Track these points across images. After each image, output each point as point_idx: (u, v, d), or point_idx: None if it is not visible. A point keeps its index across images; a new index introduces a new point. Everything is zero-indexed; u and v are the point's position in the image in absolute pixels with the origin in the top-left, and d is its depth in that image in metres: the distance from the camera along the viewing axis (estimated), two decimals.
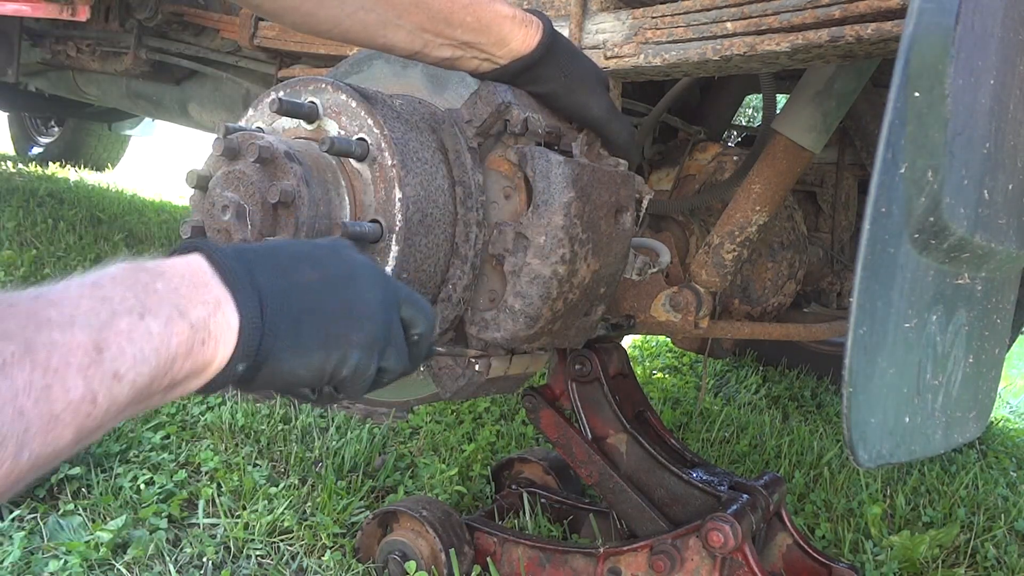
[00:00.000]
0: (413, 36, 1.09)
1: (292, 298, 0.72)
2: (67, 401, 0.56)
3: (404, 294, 0.85)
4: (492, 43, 1.12)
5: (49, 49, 3.22)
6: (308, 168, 1.06)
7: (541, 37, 1.14)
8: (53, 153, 6.07)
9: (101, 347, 0.58)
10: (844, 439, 0.87)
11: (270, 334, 0.69)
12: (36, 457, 0.54)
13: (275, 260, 0.74)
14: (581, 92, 1.19)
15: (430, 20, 1.08)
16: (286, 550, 1.59)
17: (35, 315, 0.57)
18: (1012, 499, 2.37)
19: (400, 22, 1.07)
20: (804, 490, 2.23)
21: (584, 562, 1.49)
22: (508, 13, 1.12)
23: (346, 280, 0.78)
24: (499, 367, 1.24)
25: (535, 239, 1.11)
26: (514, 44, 1.14)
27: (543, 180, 1.11)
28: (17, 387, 0.53)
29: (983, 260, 1.01)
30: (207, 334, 0.65)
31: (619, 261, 1.25)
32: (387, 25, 1.07)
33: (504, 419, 2.45)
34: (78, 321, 0.58)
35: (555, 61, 1.16)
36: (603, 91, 1.22)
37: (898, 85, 0.80)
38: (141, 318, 0.61)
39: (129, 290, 0.62)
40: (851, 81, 1.52)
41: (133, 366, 0.60)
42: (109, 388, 0.58)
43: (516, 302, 1.13)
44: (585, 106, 1.20)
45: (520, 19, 1.13)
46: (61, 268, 3.07)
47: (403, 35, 1.09)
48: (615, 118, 1.23)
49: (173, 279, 0.65)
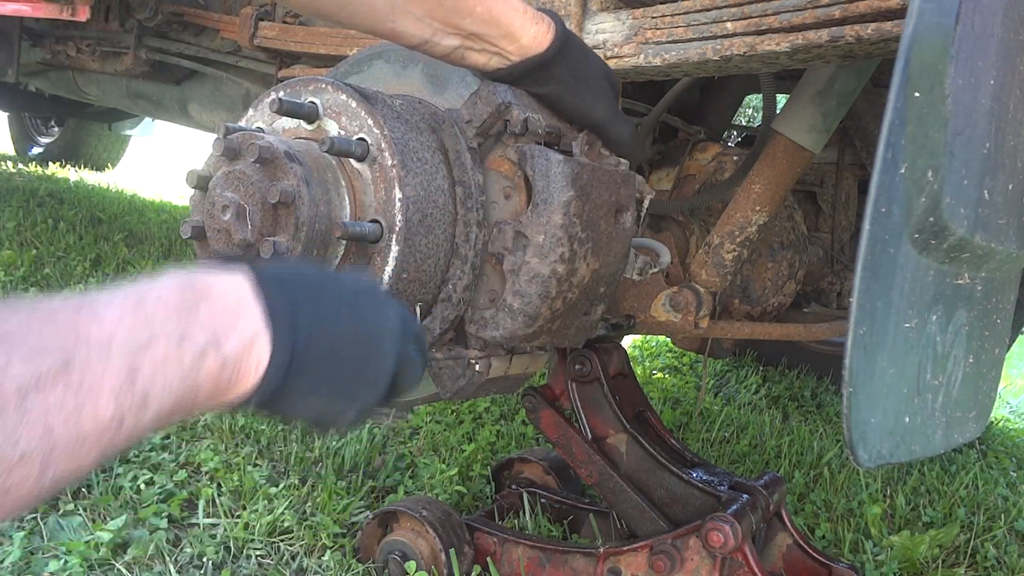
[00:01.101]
0: (422, 23, 1.08)
1: (321, 351, 0.72)
2: (95, 423, 0.55)
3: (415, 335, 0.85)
4: (502, 36, 1.11)
5: (49, 49, 3.21)
6: (308, 168, 1.06)
7: (553, 37, 1.13)
8: (53, 153, 6.07)
9: (135, 371, 0.58)
10: (844, 439, 0.87)
11: (290, 381, 0.70)
12: (58, 477, 0.54)
13: (319, 303, 0.74)
14: (587, 95, 1.18)
15: (440, 7, 1.06)
16: (286, 550, 1.59)
17: (76, 329, 0.56)
18: (1012, 499, 2.37)
19: (409, 8, 1.06)
20: (804, 490, 2.23)
21: (584, 562, 1.49)
22: (520, 7, 1.11)
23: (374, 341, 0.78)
24: (499, 367, 1.24)
25: (534, 238, 1.11)
26: (525, 40, 1.12)
27: (543, 179, 1.11)
28: (49, 404, 0.53)
29: (983, 260, 1.01)
30: (235, 371, 0.65)
31: (619, 261, 1.25)
32: (395, 10, 1.06)
33: (504, 419, 2.45)
34: (117, 341, 0.58)
35: (565, 63, 1.15)
36: (610, 94, 1.20)
37: (898, 85, 0.80)
38: (179, 345, 0.61)
39: (172, 312, 0.62)
40: (851, 81, 1.52)
41: (161, 392, 0.60)
42: (136, 412, 0.58)
43: (515, 301, 1.13)
44: (590, 109, 1.19)
45: (532, 16, 1.12)
46: (61, 268, 3.07)
47: (411, 22, 1.07)
48: (618, 120, 1.22)
49: (217, 303, 0.65)
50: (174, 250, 3.72)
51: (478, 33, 1.10)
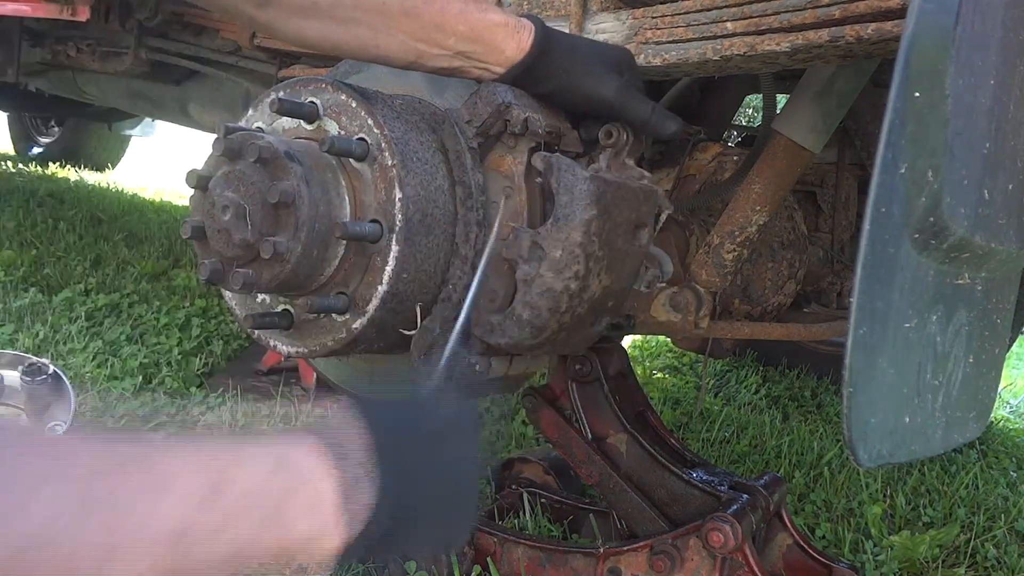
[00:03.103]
0: (406, 46, 1.09)
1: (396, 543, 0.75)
2: None
3: None
4: (487, 52, 1.12)
5: (49, 49, 3.21)
6: (308, 168, 1.06)
7: (533, 40, 1.13)
8: (53, 153, 6.07)
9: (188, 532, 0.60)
10: (844, 439, 0.87)
11: None
12: None
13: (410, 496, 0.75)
14: (587, 83, 1.16)
15: (422, 28, 1.07)
16: None
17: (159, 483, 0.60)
18: (1012, 499, 2.37)
19: (392, 32, 1.07)
20: (804, 490, 2.23)
21: (584, 562, 1.49)
22: (500, 21, 1.11)
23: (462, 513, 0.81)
24: (499, 368, 1.24)
25: (551, 252, 1.09)
26: (509, 52, 1.13)
27: (567, 194, 1.09)
28: None
29: (983, 260, 1.01)
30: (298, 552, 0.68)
31: (631, 276, 1.24)
32: (379, 36, 1.07)
33: (504, 419, 2.45)
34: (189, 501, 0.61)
35: (552, 60, 1.15)
36: (612, 73, 1.18)
37: (898, 85, 0.80)
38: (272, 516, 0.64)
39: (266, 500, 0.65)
40: (851, 81, 1.52)
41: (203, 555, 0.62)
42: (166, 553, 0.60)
43: (524, 312, 1.12)
44: (594, 95, 1.17)
45: (512, 26, 1.12)
46: (61, 268, 3.07)
47: (396, 45, 1.08)
48: (630, 97, 1.17)
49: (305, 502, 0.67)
50: (174, 250, 3.72)
51: (464, 51, 1.11)
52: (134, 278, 3.14)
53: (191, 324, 2.73)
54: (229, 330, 2.77)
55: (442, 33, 1.08)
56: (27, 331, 2.42)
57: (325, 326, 1.15)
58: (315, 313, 1.11)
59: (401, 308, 1.13)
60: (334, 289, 1.13)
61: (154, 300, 2.90)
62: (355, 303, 1.11)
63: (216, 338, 2.70)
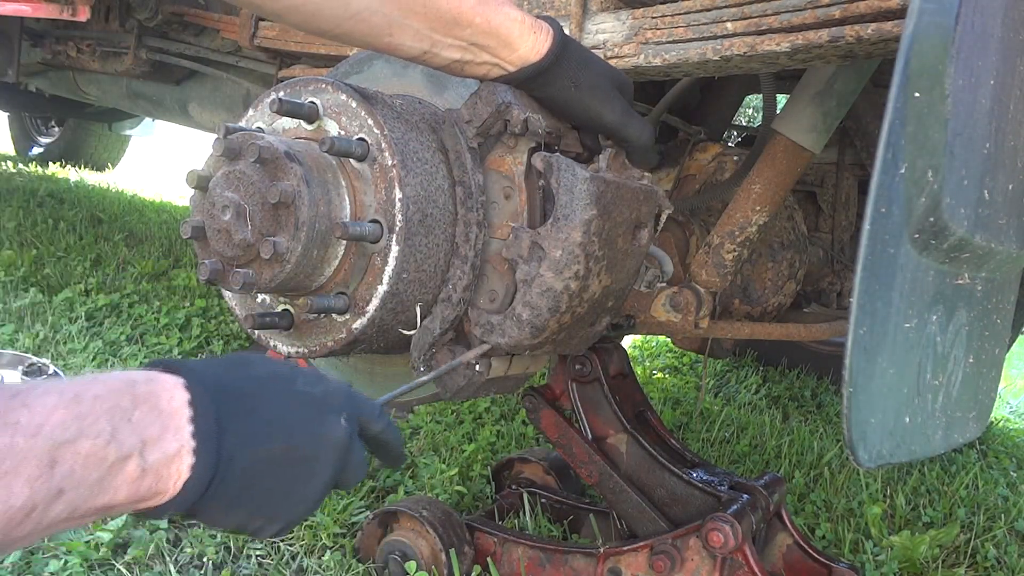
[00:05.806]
0: (420, 36, 1.07)
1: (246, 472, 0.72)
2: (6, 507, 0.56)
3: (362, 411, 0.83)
4: (501, 46, 1.11)
5: (49, 49, 3.22)
6: (308, 168, 1.06)
7: (551, 45, 1.13)
8: (53, 153, 6.07)
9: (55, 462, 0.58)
10: (844, 439, 0.87)
11: (210, 497, 0.70)
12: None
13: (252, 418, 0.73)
14: (592, 101, 1.17)
15: (439, 19, 1.06)
16: (286, 550, 1.59)
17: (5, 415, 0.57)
18: (1012, 499, 2.37)
19: (407, 21, 1.05)
20: (804, 490, 2.23)
21: (584, 562, 1.49)
22: (518, 17, 1.11)
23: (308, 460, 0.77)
24: (499, 367, 1.24)
25: (551, 252, 1.10)
26: (523, 50, 1.12)
27: (567, 194, 1.09)
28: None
29: (983, 260, 1.01)
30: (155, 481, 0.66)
31: (631, 276, 1.24)
32: (393, 25, 1.05)
33: (504, 419, 2.45)
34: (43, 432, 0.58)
35: (564, 70, 1.14)
36: (617, 96, 1.19)
37: (898, 85, 0.80)
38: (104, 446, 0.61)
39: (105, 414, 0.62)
40: (851, 81, 1.52)
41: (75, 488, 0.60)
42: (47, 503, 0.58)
43: (524, 311, 1.12)
44: (597, 114, 1.18)
45: (530, 24, 1.11)
46: (61, 268, 3.07)
47: (410, 35, 1.07)
48: (631, 122, 1.20)
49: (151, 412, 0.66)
50: (174, 250, 3.72)
51: (477, 44, 1.10)
52: (134, 278, 3.14)
53: (191, 324, 2.73)
54: (229, 330, 2.78)
55: (458, 25, 1.07)
56: (27, 331, 2.42)
57: (325, 326, 1.15)
58: (315, 313, 1.11)
59: (401, 308, 1.13)
60: (334, 289, 1.13)
61: (154, 300, 2.90)
62: (355, 303, 1.11)
63: (216, 338, 2.70)
